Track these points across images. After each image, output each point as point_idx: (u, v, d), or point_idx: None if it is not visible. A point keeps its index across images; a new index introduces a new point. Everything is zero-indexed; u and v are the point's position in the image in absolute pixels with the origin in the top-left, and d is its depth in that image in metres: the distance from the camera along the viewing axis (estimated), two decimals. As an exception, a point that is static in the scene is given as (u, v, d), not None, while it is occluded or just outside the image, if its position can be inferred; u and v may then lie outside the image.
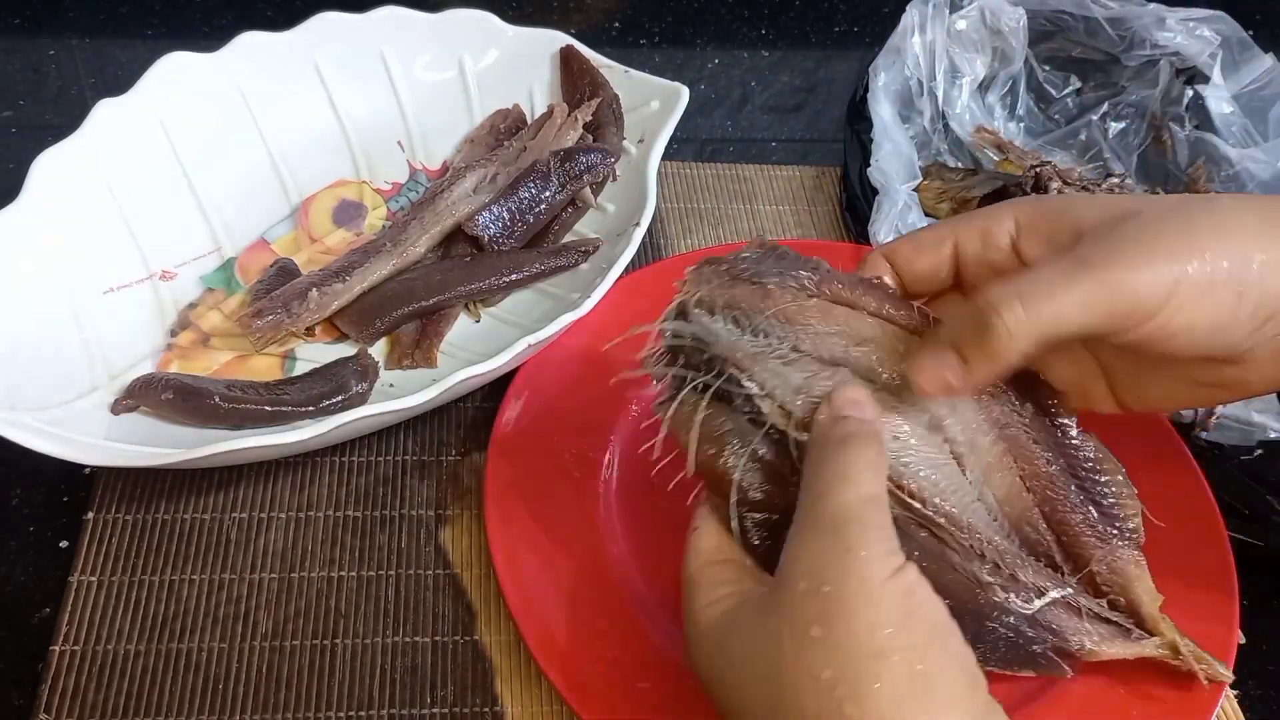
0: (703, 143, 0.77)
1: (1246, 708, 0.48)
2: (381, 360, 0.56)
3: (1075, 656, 0.41)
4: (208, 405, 0.50)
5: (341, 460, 0.53)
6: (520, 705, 0.46)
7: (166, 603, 0.47)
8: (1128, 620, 0.42)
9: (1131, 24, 0.70)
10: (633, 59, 0.68)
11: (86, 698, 0.44)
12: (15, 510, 0.50)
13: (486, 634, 0.48)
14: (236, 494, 0.51)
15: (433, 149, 0.67)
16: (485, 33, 0.67)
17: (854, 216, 0.66)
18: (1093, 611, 0.41)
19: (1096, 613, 0.41)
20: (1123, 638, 0.42)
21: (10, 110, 0.71)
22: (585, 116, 0.64)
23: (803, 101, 0.82)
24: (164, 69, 0.58)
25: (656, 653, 0.45)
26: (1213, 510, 0.50)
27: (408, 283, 0.58)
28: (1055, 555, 0.41)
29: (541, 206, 0.61)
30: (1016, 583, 0.39)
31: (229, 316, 0.57)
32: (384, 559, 0.50)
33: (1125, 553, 0.41)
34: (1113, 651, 0.41)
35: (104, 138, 0.55)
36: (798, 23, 0.89)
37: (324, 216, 0.63)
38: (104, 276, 0.54)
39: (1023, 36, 0.71)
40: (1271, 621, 0.51)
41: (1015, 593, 0.39)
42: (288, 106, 0.63)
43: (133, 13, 0.80)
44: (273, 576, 0.49)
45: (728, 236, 0.68)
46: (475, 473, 0.53)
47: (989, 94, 0.73)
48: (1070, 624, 0.41)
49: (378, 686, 0.45)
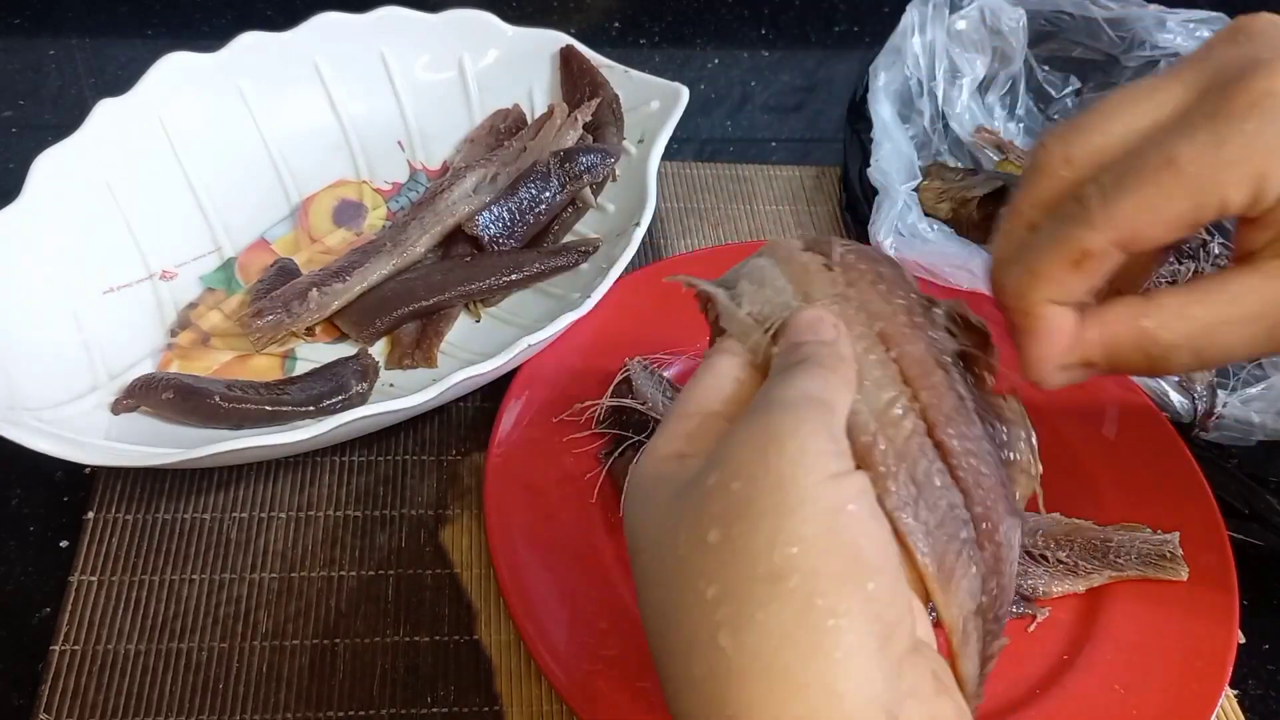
0: (703, 143, 0.77)
1: (1246, 708, 0.48)
2: (381, 360, 0.56)
3: (1031, 598, 0.47)
4: (208, 405, 0.50)
5: (341, 460, 0.53)
6: (520, 705, 0.46)
7: (166, 603, 0.47)
8: (1072, 557, 0.44)
9: (1132, 25, 0.70)
10: (633, 59, 0.68)
11: (86, 698, 0.44)
12: (15, 510, 0.50)
13: (486, 634, 0.48)
14: (236, 494, 0.51)
15: (433, 149, 0.67)
16: (485, 33, 0.67)
17: (854, 216, 0.66)
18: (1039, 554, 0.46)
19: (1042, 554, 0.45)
20: (1072, 575, 0.46)
21: (10, 110, 0.71)
22: (585, 116, 0.64)
23: (803, 101, 0.82)
24: (164, 69, 0.58)
25: (657, 653, 0.45)
26: (1213, 510, 0.50)
27: (408, 283, 0.58)
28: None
29: (541, 206, 0.61)
30: None
31: (229, 316, 0.57)
32: (384, 559, 0.50)
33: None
34: (1065, 588, 0.47)
35: (104, 138, 0.55)
36: (798, 23, 0.89)
37: (324, 216, 0.63)
38: (104, 276, 0.54)
39: (1023, 36, 0.71)
40: (1271, 621, 0.51)
41: None
42: (288, 106, 0.63)
43: (133, 13, 0.80)
44: (273, 576, 0.49)
45: (728, 236, 0.68)
46: (475, 473, 0.53)
47: (989, 94, 0.73)
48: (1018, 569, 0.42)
49: (378, 686, 0.45)
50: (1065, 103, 0.75)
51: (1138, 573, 0.48)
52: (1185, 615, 0.46)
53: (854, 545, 0.24)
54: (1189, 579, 0.48)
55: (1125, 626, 0.47)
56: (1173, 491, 0.51)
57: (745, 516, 0.24)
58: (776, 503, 0.24)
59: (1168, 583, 0.48)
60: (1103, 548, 0.48)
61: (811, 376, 0.27)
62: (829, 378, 0.28)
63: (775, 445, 0.25)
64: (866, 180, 0.63)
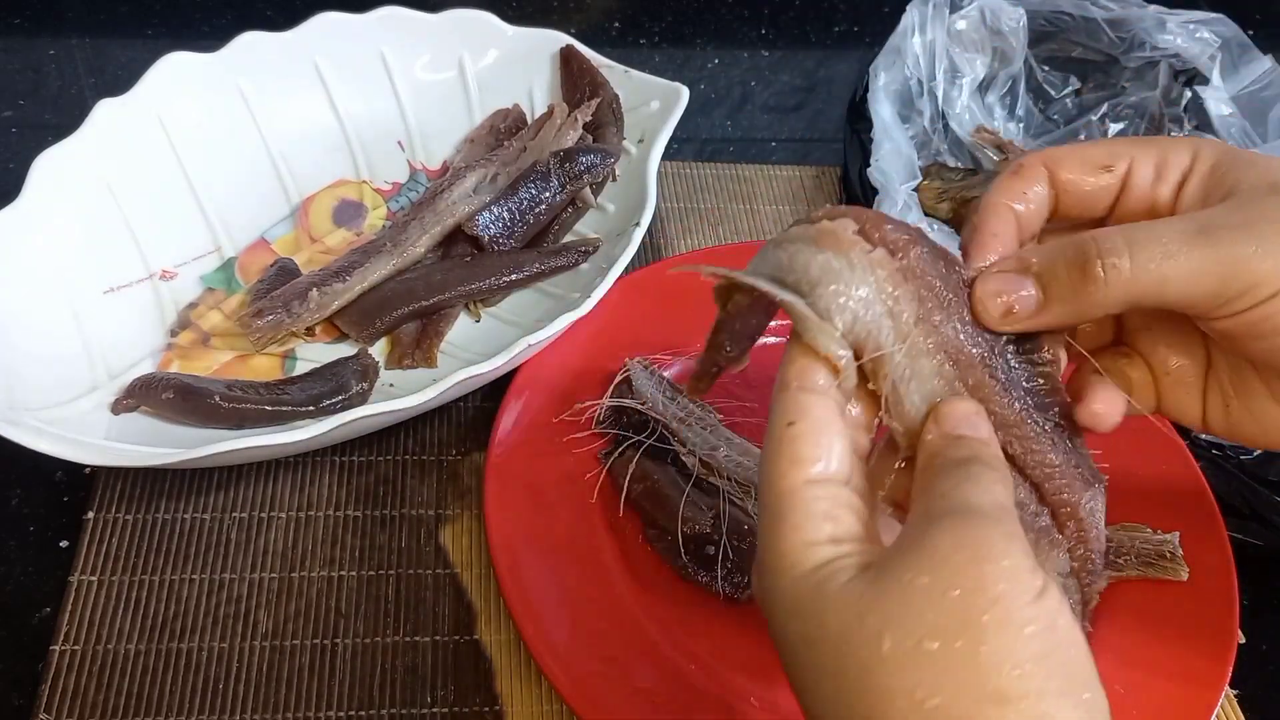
0: (703, 143, 0.77)
1: (1246, 708, 0.48)
2: (381, 360, 0.56)
3: None
4: (208, 405, 0.50)
5: (341, 460, 0.53)
6: (520, 705, 0.46)
7: (166, 603, 0.47)
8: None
9: (1131, 26, 0.70)
10: (633, 59, 0.68)
11: (86, 698, 0.44)
12: (15, 510, 0.50)
13: (486, 633, 0.48)
14: (236, 494, 0.51)
15: (433, 149, 0.67)
16: (485, 33, 0.67)
17: (854, 217, 0.66)
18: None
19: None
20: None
21: (10, 110, 0.71)
22: (585, 116, 0.64)
23: (803, 101, 0.82)
24: (164, 69, 0.58)
25: (656, 653, 0.45)
26: (1213, 510, 0.50)
27: (408, 283, 0.58)
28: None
29: (541, 206, 0.61)
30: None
31: (229, 316, 0.57)
32: (384, 559, 0.50)
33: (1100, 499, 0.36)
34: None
35: (104, 138, 0.55)
36: (798, 23, 0.89)
37: (324, 216, 0.63)
38: (104, 276, 0.54)
39: (1022, 37, 0.71)
40: (1271, 621, 0.51)
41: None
42: (288, 106, 0.63)
43: (133, 13, 0.80)
44: (273, 576, 0.49)
45: (728, 236, 0.68)
46: (475, 473, 0.53)
47: (989, 94, 0.73)
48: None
49: (378, 686, 0.45)
50: (1065, 103, 0.75)
51: (1138, 573, 0.48)
52: (1185, 615, 0.46)
53: (1071, 661, 0.25)
54: (1189, 579, 0.48)
55: (1125, 626, 0.47)
56: (1173, 491, 0.51)
57: (968, 631, 0.25)
58: (999, 620, 0.25)
59: (1168, 583, 0.48)
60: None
61: (993, 484, 0.28)
62: (1005, 482, 0.29)
63: (990, 562, 0.25)
64: (866, 180, 0.63)
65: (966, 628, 0.25)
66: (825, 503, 0.28)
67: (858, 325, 0.30)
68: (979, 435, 0.30)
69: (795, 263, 0.30)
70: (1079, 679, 0.25)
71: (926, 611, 0.25)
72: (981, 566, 0.25)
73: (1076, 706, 0.25)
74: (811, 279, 0.30)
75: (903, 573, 0.26)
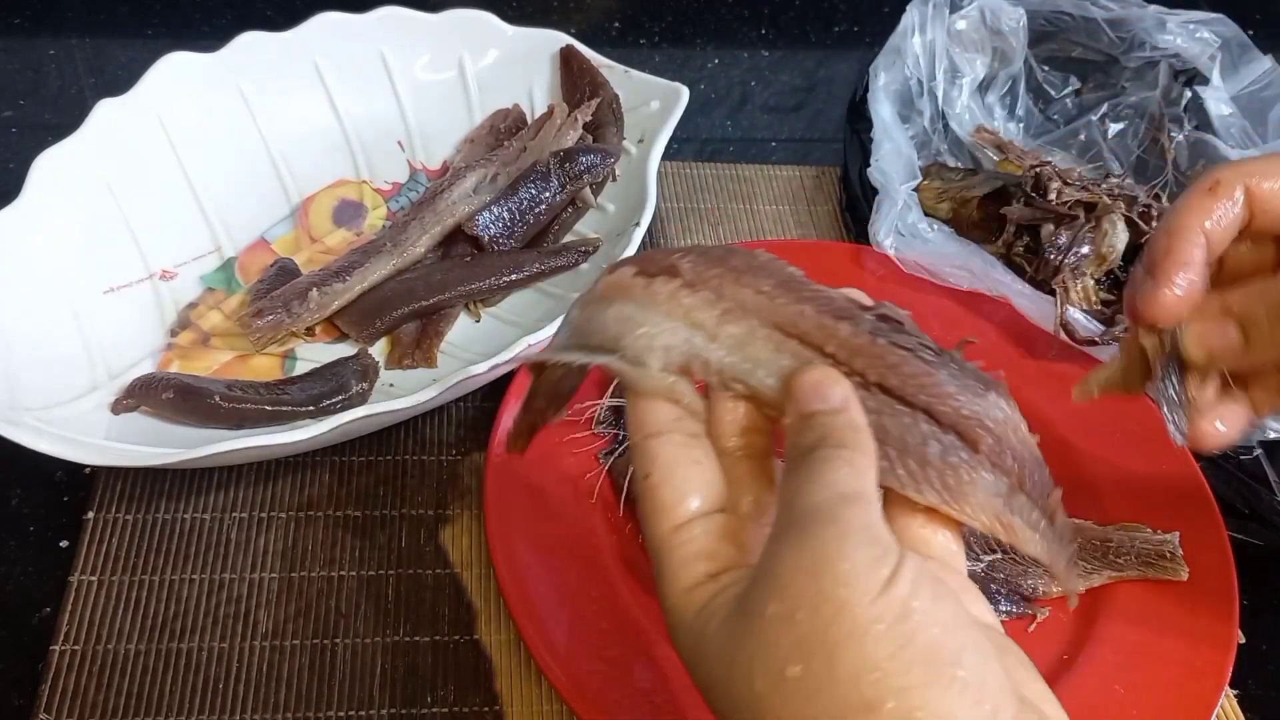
0: (703, 143, 0.77)
1: (1246, 708, 0.48)
2: (381, 360, 0.56)
3: (1030, 598, 0.48)
4: (208, 405, 0.50)
5: (341, 460, 0.53)
6: (520, 705, 0.46)
7: (166, 603, 0.47)
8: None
9: (1131, 26, 0.70)
10: (633, 59, 0.68)
11: (86, 698, 0.44)
12: (15, 510, 0.50)
13: (486, 633, 0.48)
14: (236, 494, 0.51)
15: (433, 149, 0.67)
16: (485, 33, 0.67)
17: (854, 216, 0.66)
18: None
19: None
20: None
21: (10, 110, 0.71)
22: (585, 116, 0.64)
23: (803, 101, 0.82)
24: (164, 69, 0.58)
25: (656, 653, 0.45)
26: (1213, 510, 0.50)
27: (408, 283, 0.58)
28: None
29: (541, 206, 0.61)
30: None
31: (229, 316, 0.57)
32: (384, 559, 0.50)
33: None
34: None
35: (104, 138, 0.55)
36: (798, 23, 0.89)
37: (324, 216, 0.63)
38: (104, 276, 0.54)
39: (1022, 37, 0.71)
40: (1271, 621, 0.51)
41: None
42: (288, 106, 0.63)
43: (133, 13, 0.80)
44: (273, 576, 0.49)
45: (728, 236, 0.68)
46: (475, 473, 0.53)
47: (989, 94, 0.73)
48: (1017, 569, 0.46)
49: (378, 686, 0.45)
50: (1065, 103, 0.75)
51: (1138, 573, 0.48)
52: (1185, 615, 0.46)
53: (930, 644, 0.24)
54: (1189, 579, 0.48)
55: (1125, 626, 0.47)
56: (1173, 491, 0.51)
57: (821, 649, 0.24)
58: (847, 631, 0.24)
59: (1168, 583, 0.48)
60: (1103, 548, 0.48)
61: (836, 465, 0.27)
62: (853, 459, 0.27)
63: (828, 571, 0.25)
64: (866, 180, 0.63)
65: (820, 647, 0.24)
66: (696, 543, 0.28)
67: (673, 353, 0.30)
68: (829, 405, 0.28)
69: (594, 324, 0.31)
70: (943, 659, 0.24)
71: (781, 641, 0.25)
72: (819, 581, 0.25)
73: (948, 688, 0.24)
74: (613, 334, 0.31)
75: (755, 604, 0.26)
